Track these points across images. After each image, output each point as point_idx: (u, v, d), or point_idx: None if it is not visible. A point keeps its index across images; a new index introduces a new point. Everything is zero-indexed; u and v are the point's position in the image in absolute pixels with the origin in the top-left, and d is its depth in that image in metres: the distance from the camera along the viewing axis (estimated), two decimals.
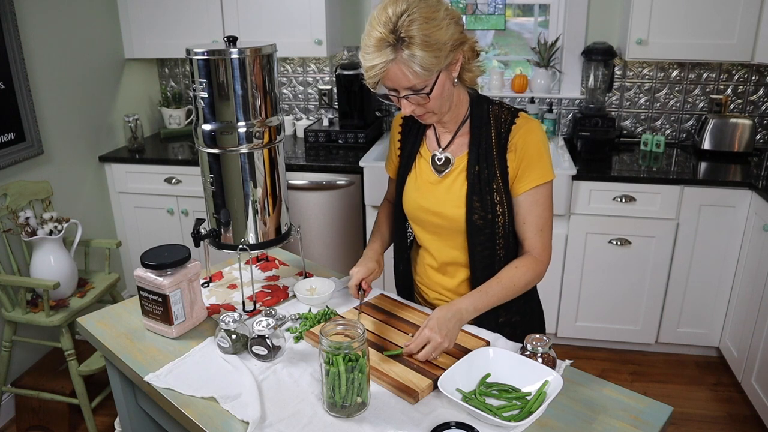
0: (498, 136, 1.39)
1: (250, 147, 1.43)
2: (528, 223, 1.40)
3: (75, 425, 2.50)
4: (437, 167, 1.45)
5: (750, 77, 3.00)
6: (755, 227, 2.51)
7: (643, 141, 3.05)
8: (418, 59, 1.22)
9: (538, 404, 1.11)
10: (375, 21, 1.24)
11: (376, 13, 1.25)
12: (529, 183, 1.38)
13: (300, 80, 3.45)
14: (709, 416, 2.55)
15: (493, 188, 1.38)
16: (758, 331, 2.42)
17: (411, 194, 1.48)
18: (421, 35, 1.21)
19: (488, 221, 1.40)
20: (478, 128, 1.40)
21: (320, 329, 1.14)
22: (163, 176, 3.06)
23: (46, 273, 2.32)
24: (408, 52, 1.21)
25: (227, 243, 1.53)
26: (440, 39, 1.23)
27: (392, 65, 1.23)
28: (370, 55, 1.24)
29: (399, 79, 1.26)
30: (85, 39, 2.95)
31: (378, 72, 1.24)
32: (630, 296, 2.83)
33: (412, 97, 1.30)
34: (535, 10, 3.26)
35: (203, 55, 1.36)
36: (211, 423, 1.13)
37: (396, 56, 1.22)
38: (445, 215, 1.42)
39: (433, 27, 1.22)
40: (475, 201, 1.39)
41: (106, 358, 1.45)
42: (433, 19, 1.22)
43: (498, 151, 1.38)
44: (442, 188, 1.43)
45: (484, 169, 1.38)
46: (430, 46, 1.22)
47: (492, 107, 1.42)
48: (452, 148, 1.44)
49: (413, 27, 1.20)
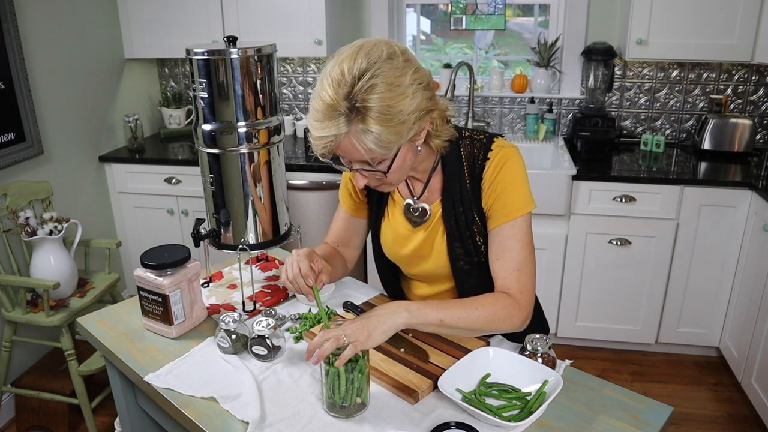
0: (472, 176, 1.25)
1: (250, 147, 1.43)
2: (501, 260, 1.23)
3: (75, 425, 2.50)
4: (413, 219, 1.33)
5: (750, 77, 3.00)
6: (755, 227, 2.51)
7: (643, 141, 3.05)
8: (374, 135, 1.03)
9: (538, 404, 1.11)
10: (327, 80, 1.04)
11: (329, 69, 1.05)
12: (503, 217, 1.23)
13: (300, 80, 3.45)
14: (709, 416, 2.55)
15: (474, 231, 1.28)
16: (758, 331, 2.42)
17: (389, 243, 1.38)
18: (380, 106, 1.02)
19: (474, 264, 1.31)
20: (450, 174, 1.27)
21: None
22: (163, 176, 3.06)
23: (46, 273, 2.32)
24: (363, 126, 1.02)
25: (227, 243, 1.53)
26: (404, 110, 1.04)
27: (344, 138, 1.05)
28: (319, 123, 1.05)
29: (351, 153, 1.08)
30: (85, 39, 2.95)
31: (327, 144, 1.06)
32: (630, 296, 2.83)
33: (366, 171, 1.13)
34: (535, 10, 3.26)
35: (203, 55, 1.36)
36: (211, 423, 1.13)
37: (349, 129, 1.03)
38: (428, 264, 1.35)
39: (397, 95, 1.03)
40: (458, 248, 1.29)
41: (106, 358, 1.45)
42: (397, 86, 1.03)
43: (473, 193, 1.26)
44: (420, 239, 1.34)
45: (461, 215, 1.27)
46: (390, 120, 1.03)
47: (462, 143, 1.26)
48: (427, 195, 1.32)
49: (373, 96, 1.01)
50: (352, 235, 1.49)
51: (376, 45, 1.06)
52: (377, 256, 1.48)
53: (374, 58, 1.04)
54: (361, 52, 1.05)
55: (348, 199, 1.45)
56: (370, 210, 1.43)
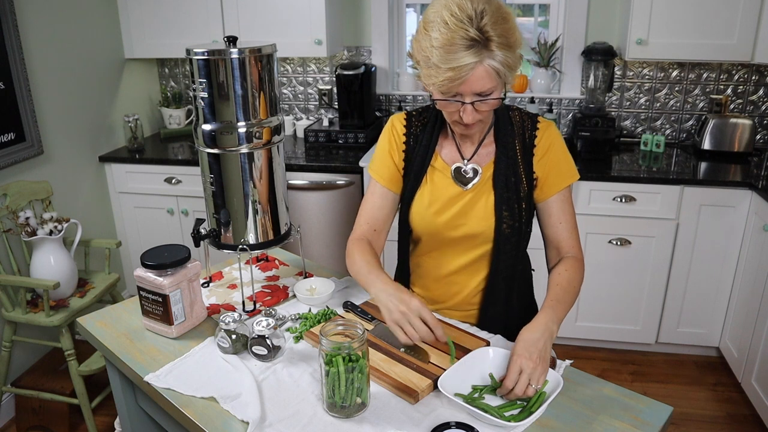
0: (522, 143, 1.36)
1: (250, 147, 1.43)
2: (564, 223, 1.38)
3: (75, 425, 2.50)
4: (464, 180, 1.39)
5: (750, 77, 3.00)
6: (755, 227, 2.51)
7: (643, 141, 3.05)
8: (502, 59, 1.17)
9: (538, 404, 1.11)
10: (454, 19, 1.15)
11: (449, 13, 1.16)
12: (561, 184, 1.37)
13: (300, 80, 3.45)
14: (709, 416, 2.55)
15: (521, 196, 1.36)
16: (758, 331, 2.42)
17: (424, 210, 1.40)
18: (503, 36, 1.16)
19: (515, 229, 1.38)
20: (503, 138, 1.37)
21: (320, 329, 1.14)
22: (163, 176, 3.06)
23: (46, 273, 2.32)
24: (493, 53, 1.16)
25: (227, 243, 1.53)
26: (515, 42, 1.19)
27: (477, 65, 1.16)
28: (459, 54, 1.15)
29: (481, 81, 1.19)
30: (85, 39, 2.95)
31: (464, 74, 1.16)
32: (630, 296, 2.83)
33: (478, 104, 1.22)
34: (535, 10, 3.26)
35: (203, 55, 1.36)
36: (211, 423, 1.13)
37: (482, 56, 1.16)
38: (470, 228, 1.38)
39: (510, 29, 1.18)
40: (504, 210, 1.35)
41: (106, 358, 1.45)
42: (507, 21, 1.18)
43: (524, 158, 1.36)
44: (467, 201, 1.38)
45: (510, 177, 1.35)
46: (510, 47, 1.18)
47: (512, 113, 1.39)
48: (477, 158, 1.39)
49: (497, 27, 1.16)
50: (387, 215, 1.47)
51: None
52: (402, 238, 1.49)
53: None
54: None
55: (386, 170, 1.45)
56: (406, 179, 1.44)
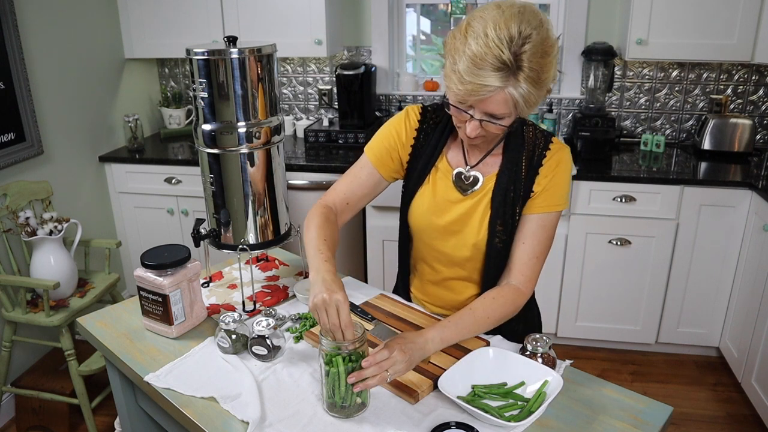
0: (530, 159, 1.32)
1: (250, 147, 1.43)
2: (527, 246, 1.32)
3: (75, 425, 2.50)
4: (463, 186, 1.36)
5: (750, 77, 3.00)
6: (755, 227, 2.51)
7: (643, 141, 3.05)
8: (524, 92, 1.12)
9: (538, 404, 1.11)
10: (494, 35, 1.09)
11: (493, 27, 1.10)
12: (545, 207, 1.32)
13: (300, 80, 3.45)
14: (709, 416, 2.55)
15: (516, 211, 1.33)
16: (758, 331, 2.42)
17: (424, 210, 1.38)
18: (536, 69, 1.11)
19: (507, 244, 1.35)
20: (512, 152, 1.33)
21: (320, 329, 1.14)
22: (163, 176, 3.06)
23: (46, 273, 2.32)
24: (518, 84, 1.11)
25: (227, 243, 1.53)
26: (548, 78, 1.14)
27: (499, 91, 1.11)
28: (486, 72, 1.10)
29: (497, 105, 1.14)
30: (85, 39, 2.95)
31: (485, 93, 1.12)
32: (630, 296, 2.83)
33: (485, 123, 1.19)
34: None
35: (203, 55, 1.36)
36: (211, 423, 1.13)
37: (507, 84, 1.11)
38: (464, 236, 1.36)
39: (547, 64, 1.13)
40: (498, 225, 1.33)
41: (106, 358, 1.45)
42: (547, 55, 1.13)
43: (527, 174, 1.32)
44: (463, 209, 1.36)
45: (510, 193, 1.32)
46: (538, 83, 1.13)
47: (526, 128, 1.35)
48: (482, 167, 1.36)
49: (533, 59, 1.10)
50: (365, 193, 1.43)
51: (534, 11, 1.14)
52: (402, 237, 1.47)
53: (535, 23, 1.12)
54: (526, 14, 1.12)
55: (384, 152, 1.40)
56: (408, 176, 1.41)
